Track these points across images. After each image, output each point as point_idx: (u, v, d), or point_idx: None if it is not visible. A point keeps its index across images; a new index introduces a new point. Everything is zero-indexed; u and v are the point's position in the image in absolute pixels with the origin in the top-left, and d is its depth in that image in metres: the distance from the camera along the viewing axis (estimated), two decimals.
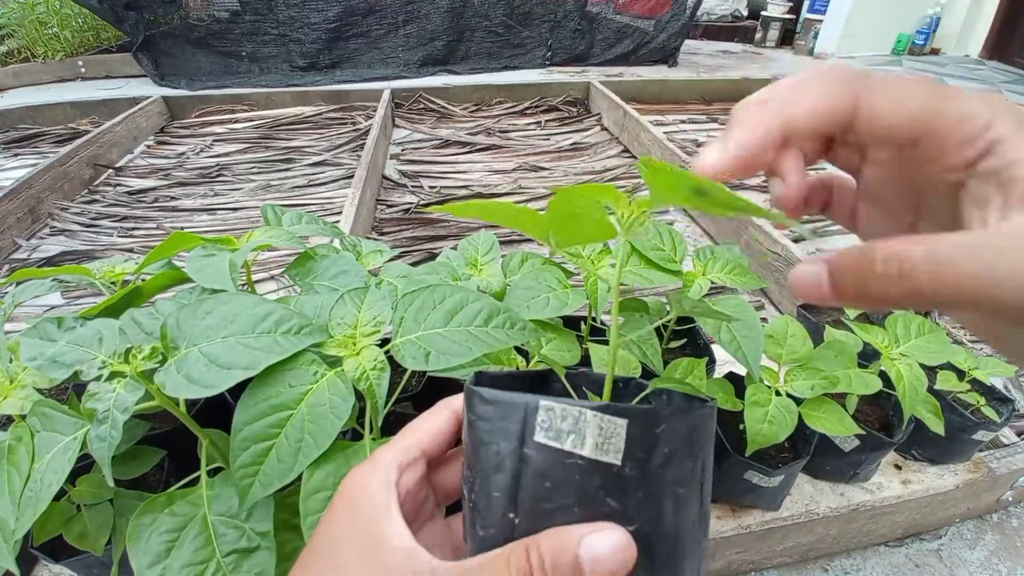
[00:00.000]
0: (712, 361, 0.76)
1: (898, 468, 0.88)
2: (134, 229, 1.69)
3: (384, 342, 0.44)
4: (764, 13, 4.15)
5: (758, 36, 4.19)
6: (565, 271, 0.65)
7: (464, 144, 2.26)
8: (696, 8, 3.24)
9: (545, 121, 2.53)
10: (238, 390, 0.40)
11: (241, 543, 0.40)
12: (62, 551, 0.55)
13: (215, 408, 0.63)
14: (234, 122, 2.49)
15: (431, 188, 1.91)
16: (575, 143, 2.31)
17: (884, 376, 0.72)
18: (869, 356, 0.77)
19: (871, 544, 0.91)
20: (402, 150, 2.22)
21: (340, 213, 1.50)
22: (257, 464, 0.39)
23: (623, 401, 0.30)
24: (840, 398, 0.75)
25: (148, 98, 2.46)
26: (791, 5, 4.13)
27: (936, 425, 0.75)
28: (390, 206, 1.79)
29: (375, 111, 2.36)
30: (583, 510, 0.21)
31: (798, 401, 0.66)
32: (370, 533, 0.23)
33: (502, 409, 0.23)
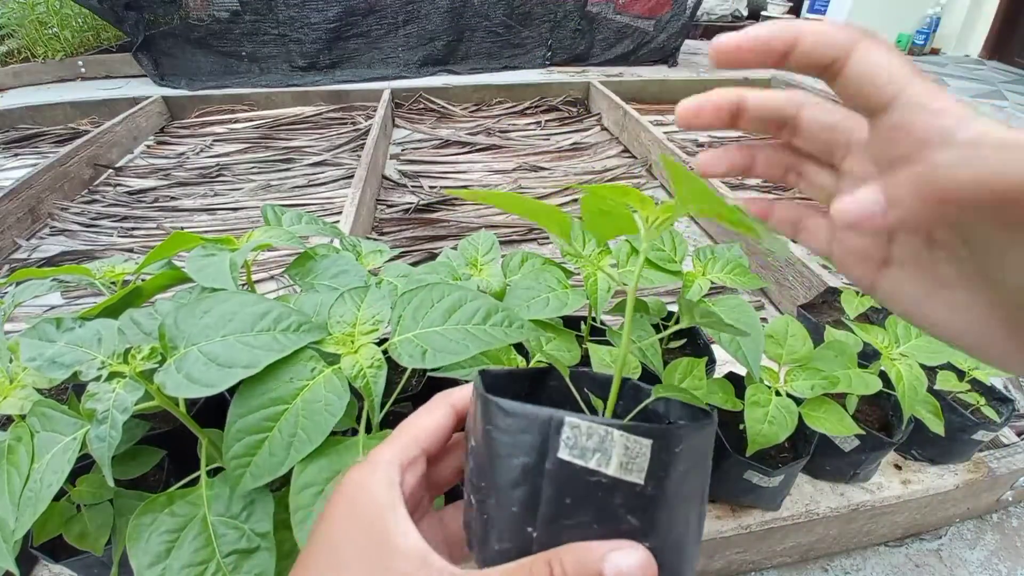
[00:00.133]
0: (712, 361, 0.76)
1: (898, 468, 0.88)
2: (134, 229, 1.69)
3: (383, 341, 0.44)
4: (764, 13, 4.16)
5: None
6: (565, 271, 0.65)
7: (464, 144, 2.26)
8: (696, 8, 3.24)
9: (545, 121, 2.53)
10: (237, 389, 0.40)
11: (241, 543, 0.40)
12: (62, 551, 0.55)
13: (215, 408, 0.62)
14: (234, 122, 2.49)
15: (431, 188, 1.91)
16: (575, 143, 2.31)
17: (884, 376, 0.72)
18: (869, 356, 0.76)
19: (871, 544, 0.91)
20: (402, 150, 2.23)
21: (340, 213, 1.50)
22: (250, 455, 0.39)
23: (624, 405, 0.30)
24: (840, 398, 0.75)
25: (148, 98, 2.46)
26: (791, 5, 4.14)
27: (936, 425, 0.75)
28: (390, 206, 1.79)
29: (375, 111, 2.36)
30: (602, 526, 0.21)
31: (798, 401, 0.66)
32: (376, 535, 0.23)
33: (523, 422, 0.22)
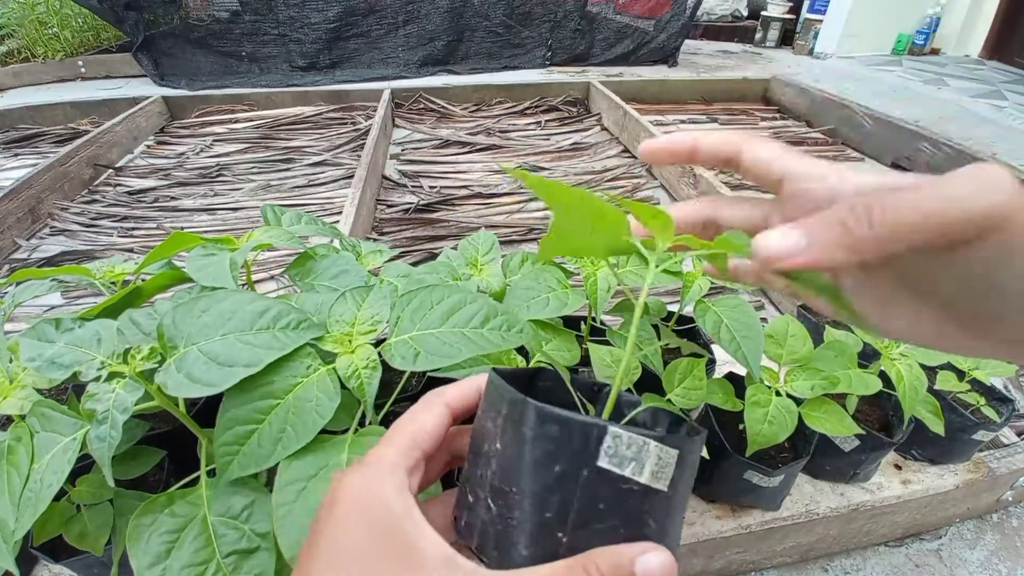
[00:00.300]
0: (712, 361, 0.76)
1: (898, 468, 0.88)
2: (134, 229, 1.69)
3: (381, 342, 0.44)
4: (764, 13, 4.15)
5: (758, 36, 4.19)
6: (565, 271, 0.65)
7: (464, 144, 2.26)
8: (696, 8, 3.24)
9: (545, 121, 2.53)
10: None
11: (241, 544, 0.40)
12: (62, 551, 0.55)
13: (214, 408, 0.62)
14: (234, 122, 2.49)
15: (431, 188, 1.91)
16: (575, 143, 2.31)
17: (884, 376, 0.72)
18: (869, 356, 0.76)
19: (871, 544, 0.91)
20: (402, 150, 2.23)
21: (340, 213, 1.50)
22: (238, 444, 0.39)
23: (600, 409, 0.31)
24: (840, 398, 0.75)
25: (148, 98, 2.46)
26: (791, 5, 4.13)
27: (936, 425, 0.75)
28: (390, 206, 1.79)
29: (375, 111, 2.36)
30: (628, 530, 0.23)
31: (798, 401, 0.66)
32: (398, 543, 0.22)
33: (569, 430, 0.23)
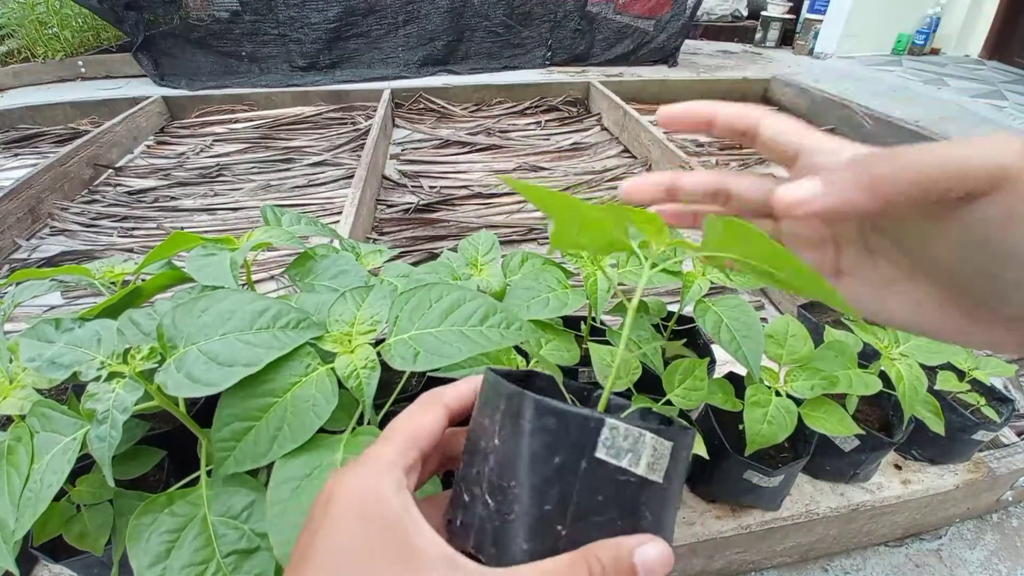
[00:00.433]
0: (712, 361, 0.76)
1: (898, 468, 0.88)
2: (134, 229, 1.69)
3: (380, 341, 0.44)
4: (764, 13, 4.15)
5: (758, 36, 4.19)
6: (565, 271, 0.65)
7: (464, 144, 2.26)
8: (696, 8, 3.24)
9: (545, 121, 2.53)
10: None
11: (241, 544, 0.40)
12: (62, 551, 0.55)
13: (214, 408, 0.62)
14: (234, 122, 2.49)
15: (431, 188, 1.91)
16: (575, 143, 2.31)
17: (884, 376, 0.71)
18: (869, 356, 0.76)
19: (871, 544, 0.91)
20: (402, 150, 2.23)
21: (340, 213, 1.50)
22: (235, 440, 0.39)
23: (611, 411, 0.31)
24: (840, 398, 0.75)
25: (148, 98, 2.46)
26: (791, 5, 4.13)
27: (936, 425, 0.75)
28: (390, 206, 1.79)
29: (375, 111, 2.36)
30: (625, 522, 0.23)
31: (798, 401, 0.66)
32: (397, 544, 0.22)
33: (566, 422, 0.23)
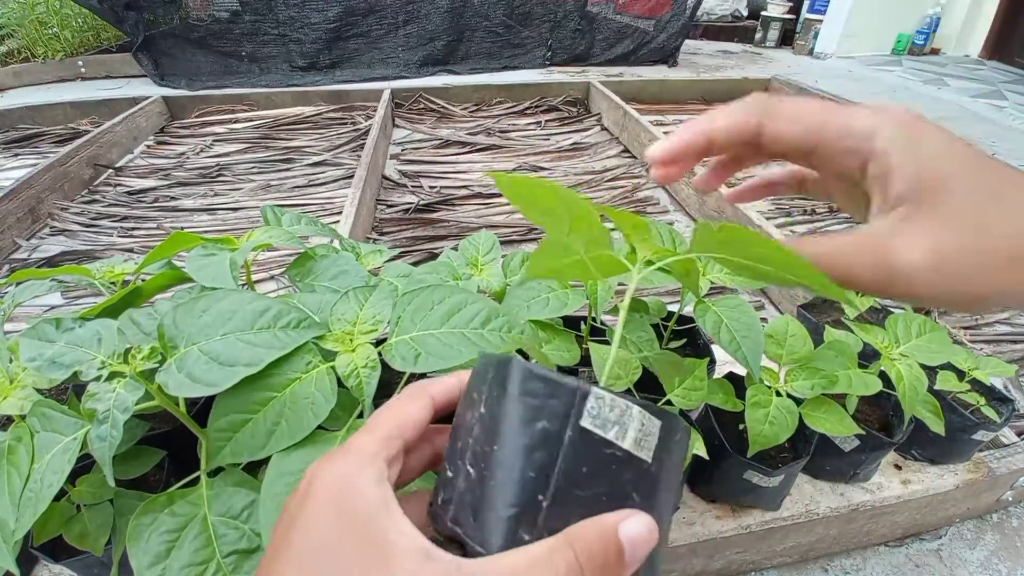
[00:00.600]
0: (712, 361, 0.76)
1: (898, 468, 0.88)
2: (134, 229, 1.69)
3: (381, 341, 0.44)
4: (764, 13, 4.15)
5: (758, 36, 4.19)
6: None
7: (464, 144, 2.26)
8: (696, 8, 3.24)
9: (545, 121, 2.53)
10: None
11: (241, 544, 0.40)
12: (62, 551, 0.55)
13: None
14: (234, 122, 2.49)
15: (431, 188, 1.91)
16: (575, 143, 2.31)
17: (884, 376, 0.71)
18: (869, 356, 0.76)
19: (871, 544, 0.91)
20: (402, 150, 2.23)
21: (340, 213, 1.50)
22: (232, 431, 0.39)
23: None
24: (840, 398, 0.75)
25: (148, 98, 2.46)
26: (791, 5, 4.13)
27: (936, 425, 0.75)
28: (390, 206, 1.79)
29: (375, 111, 2.36)
30: (610, 501, 0.23)
31: (798, 401, 0.66)
32: (372, 536, 0.22)
33: (552, 388, 0.23)
